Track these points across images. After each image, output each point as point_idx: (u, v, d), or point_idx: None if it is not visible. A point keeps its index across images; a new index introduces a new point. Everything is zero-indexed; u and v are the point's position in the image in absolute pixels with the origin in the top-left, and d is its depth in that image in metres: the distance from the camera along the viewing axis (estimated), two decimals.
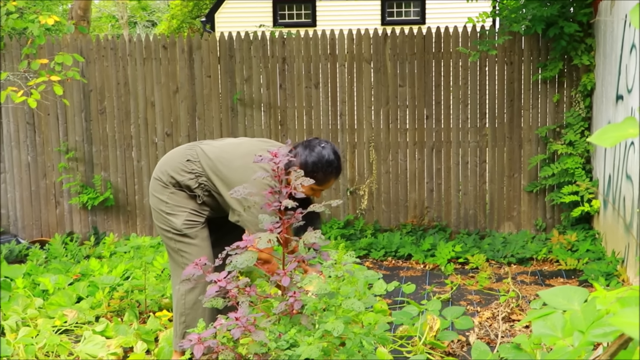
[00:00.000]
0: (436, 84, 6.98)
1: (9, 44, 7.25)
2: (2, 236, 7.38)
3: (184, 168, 3.77)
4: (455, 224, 7.06)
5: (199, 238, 3.80)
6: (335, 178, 3.74)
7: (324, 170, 3.66)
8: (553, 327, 1.78)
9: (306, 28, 7.80)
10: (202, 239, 3.81)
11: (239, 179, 3.59)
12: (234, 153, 3.75)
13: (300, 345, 2.87)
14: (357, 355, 2.94)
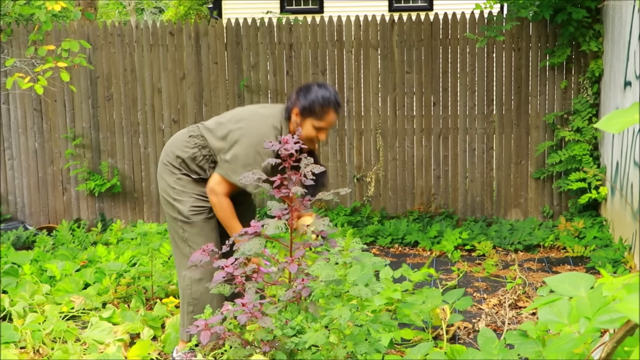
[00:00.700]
0: (443, 71, 6.95)
1: (15, 30, 7.24)
2: (10, 222, 7.40)
3: (187, 144, 3.77)
4: (462, 211, 7.05)
5: (205, 228, 3.78)
6: (335, 112, 3.65)
7: (321, 104, 3.61)
8: (559, 313, 1.77)
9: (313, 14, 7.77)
10: (210, 229, 3.79)
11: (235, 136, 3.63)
12: (231, 117, 3.77)
13: (307, 332, 2.88)
14: (363, 343, 2.94)
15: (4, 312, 4.58)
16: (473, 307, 4.79)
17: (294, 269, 3.00)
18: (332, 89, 3.70)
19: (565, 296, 1.78)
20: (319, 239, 3.16)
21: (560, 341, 1.71)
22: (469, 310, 4.72)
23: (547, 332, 2.34)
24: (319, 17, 7.18)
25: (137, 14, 29.75)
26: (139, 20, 20.36)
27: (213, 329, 2.92)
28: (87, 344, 4.15)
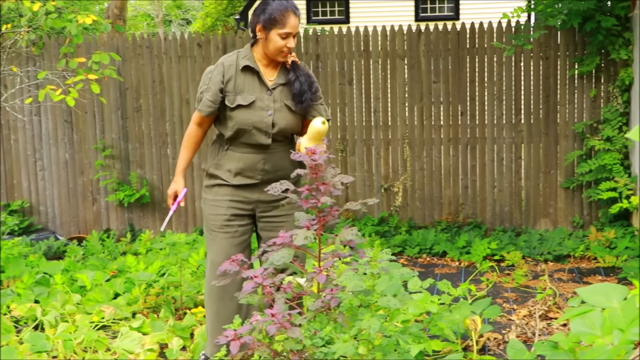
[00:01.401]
0: (471, 80, 6.93)
1: (47, 43, 7.35)
2: (41, 233, 7.49)
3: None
4: (491, 221, 7.01)
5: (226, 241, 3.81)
6: (294, 14, 3.67)
7: (279, 10, 3.65)
8: (592, 325, 1.76)
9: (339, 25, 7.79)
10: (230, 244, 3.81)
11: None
12: None
13: (336, 342, 2.88)
14: (393, 354, 2.93)
15: (36, 321, 4.63)
16: (503, 318, 4.76)
17: (322, 279, 3.00)
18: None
19: (598, 307, 1.76)
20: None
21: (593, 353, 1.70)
22: (498, 321, 4.69)
23: (579, 343, 2.32)
24: (346, 28, 7.20)
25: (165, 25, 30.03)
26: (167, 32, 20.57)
27: (242, 339, 2.92)
28: (117, 354, 4.18)
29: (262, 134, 3.71)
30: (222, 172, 3.78)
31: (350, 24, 15.15)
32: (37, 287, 5.20)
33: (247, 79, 3.73)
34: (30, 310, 4.74)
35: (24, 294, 5.07)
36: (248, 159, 3.75)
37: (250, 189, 3.78)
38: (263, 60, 3.75)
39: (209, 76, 3.76)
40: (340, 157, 7.15)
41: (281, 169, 3.79)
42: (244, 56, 3.75)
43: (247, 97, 3.69)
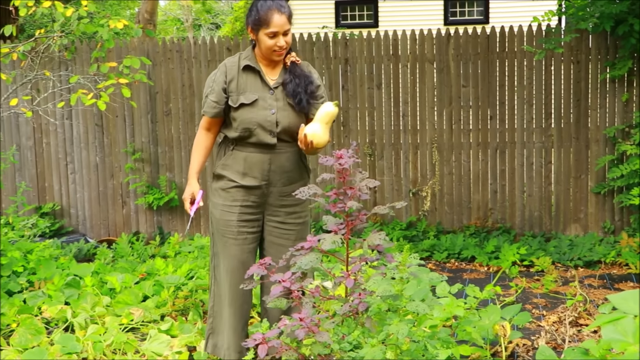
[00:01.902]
0: (500, 84, 6.89)
1: (79, 47, 7.43)
2: (72, 235, 7.57)
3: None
4: (520, 226, 6.95)
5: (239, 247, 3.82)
6: (279, 12, 3.67)
7: (263, 11, 3.66)
8: (624, 332, 1.74)
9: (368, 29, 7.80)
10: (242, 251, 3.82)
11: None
12: None
13: (364, 347, 2.87)
14: (421, 359, 2.92)
15: (66, 323, 4.68)
16: (532, 324, 4.72)
17: (350, 284, 3.00)
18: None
19: (630, 314, 1.74)
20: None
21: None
22: (527, 327, 4.65)
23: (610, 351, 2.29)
24: (374, 32, 7.19)
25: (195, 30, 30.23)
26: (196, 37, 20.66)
27: (270, 342, 2.93)
28: (146, 356, 4.21)
29: (267, 133, 3.71)
30: (230, 173, 3.79)
31: (379, 28, 15.14)
32: (67, 289, 5.26)
33: (249, 78, 3.75)
34: (61, 312, 4.79)
35: (54, 296, 5.12)
36: (254, 159, 3.76)
37: (259, 193, 3.79)
38: (264, 61, 3.78)
39: (212, 78, 3.80)
40: (368, 161, 7.14)
41: (287, 170, 3.80)
42: (246, 57, 3.78)
43: (249, 96, 3.71)
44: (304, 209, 3.90)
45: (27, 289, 5.45)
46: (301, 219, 3.88)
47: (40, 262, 5.78)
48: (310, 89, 3.78)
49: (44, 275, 5.59)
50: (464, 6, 16.05)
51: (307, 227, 3.96)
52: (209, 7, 28.52)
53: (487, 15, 15.81)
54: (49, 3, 5.87)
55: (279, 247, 3.82)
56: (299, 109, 3.75)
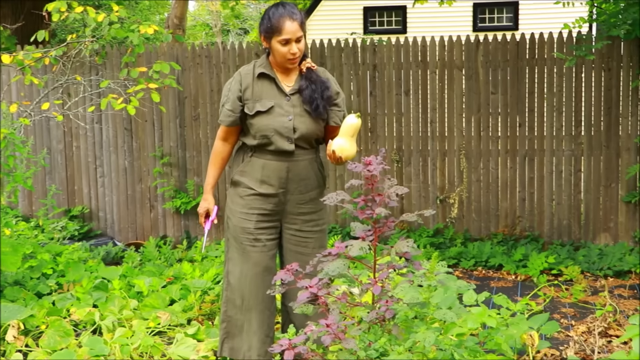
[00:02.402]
0: (529, 91, 6.84)
1: (110, 52, 7.49)
2: (100, 238, 7.63)
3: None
4: (549, 234, 6.89)
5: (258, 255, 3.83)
6: (290, 19, 3.64)
7: (275, 19, 3.66)
8: None
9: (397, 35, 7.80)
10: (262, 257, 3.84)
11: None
12: None
13: (390, 354, 2.86)
14: None
15: (94, 325, 4.71)
16: (560, 334, 4.67)
17: (377, 291, 2.99)
18: (283, 3, 3.72)
19: None
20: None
21: None
22: (556, 336, 4.60)
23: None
24: (403, 38, 7.18)
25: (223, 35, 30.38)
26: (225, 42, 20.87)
27: (296, 348, 2.93)
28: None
29: (285, 140, 3.71)
30: (247, 180, 3.80)
31: (407, 34, 15.12)
32: (95, 291, 5.29)
33: (264, 86, 3.75)
34: (89, 315, 4.83)
35: (83, 298, 5.16)
36: (272, 166, 3.76)
37: (275, 201, 3.78)
38: (279, 68, 3.77)
39: (228, 87, 3.82)
40: (395, 167, 7.12)
41: (305, 178, 3.80)
42: (260, 64, 3.78)
43: (265, 103, 3.71)
44: (322, 216, 3.89)
45: (56, 291, 5.50)
46: (319, 227, 3.87)
47: (69, 265, 5.83)
48: (326, 94, 3.77)
49: (72, 278, 5.64)
50: (494, 12, 15.99)
51: (325, 235, 3.96)
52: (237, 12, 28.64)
53: (516, 22, 15.73)
54: (81, 8, 5.94)
55: (297, 255, 3.82)
56: (316, 115, 3.74)
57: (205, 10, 32.01)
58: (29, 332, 4.59)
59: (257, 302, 3.84)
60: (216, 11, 28.61)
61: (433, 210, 3.07)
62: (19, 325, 4.52)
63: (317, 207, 3.84)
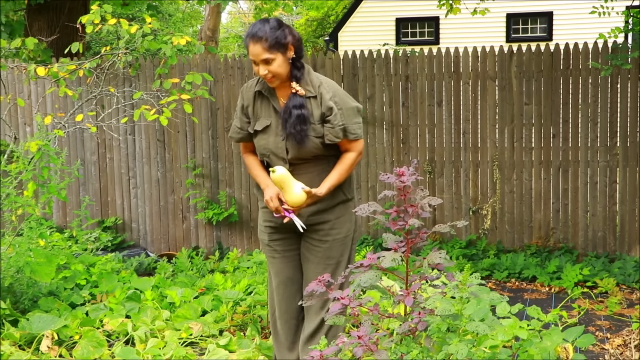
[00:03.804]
0: (564, 102, 6.77)
1: (143, 64, 7.56)
2: (133, 249, 7.68)
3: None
4: (583, 246, 6.80)
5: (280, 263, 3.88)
6: (253, 42, 3.53)
7: (245, 35, 3.63)
8: None
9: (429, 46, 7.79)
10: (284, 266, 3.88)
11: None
12: None
13: None
14: None
15: (127, 336, 4.74)
16: (595, 347, 4.60)
17: (409, 302, 2.97)
18: (262, 21, 3.59)
19: None
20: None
21: None
22: (591, 349, 4.53)
23: None
24: (436, 49, 7.16)
25: None
26: None
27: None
28: None
29: (280, 160, 3.68)
30: (259, 193, 3.82)
31: (440, 45, 15.08)
32: (128, 302, 5.33)
33: (263, 103, 3.72)
34: (122, 325, 4.86)
35: (116, 309, 5.20)
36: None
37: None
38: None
39: (238, 105, 3.85)
40: (428, 178, 7.09)
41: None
42: (259, 81, 3.74)
43: (263, 121, 3.69)
44: (335, 226, 3.77)
45: (89, 301, 5.54)
46: (330, 237, 3.76)
47: (102, 276, 5.88)
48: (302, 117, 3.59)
49: (105, 289, 5.68)
50: (527, 23, 15.89)
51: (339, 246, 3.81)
52: None
53: (550, 32, 15.63)
54: (114, 21, 6.01)
55: (306, 262, 3.83)
56: (297, 141, 3.62)
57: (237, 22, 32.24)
58: (62, 343, 4.63)
59: (281, 312, 3.87)
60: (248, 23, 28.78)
61: (466, 221, 3.04)
62: (53, 335, 4.56)
63: (327, 217, 3.74)
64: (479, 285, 3.33)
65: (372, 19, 16.59)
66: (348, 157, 3.70)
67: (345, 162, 3.69)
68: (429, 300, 2.96)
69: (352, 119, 3.67)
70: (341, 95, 3.69)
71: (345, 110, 3.66)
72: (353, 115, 3.69)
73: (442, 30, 15.95)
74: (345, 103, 3.67)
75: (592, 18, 7.02)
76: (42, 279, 5.11)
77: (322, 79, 3.71)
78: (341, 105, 3.65)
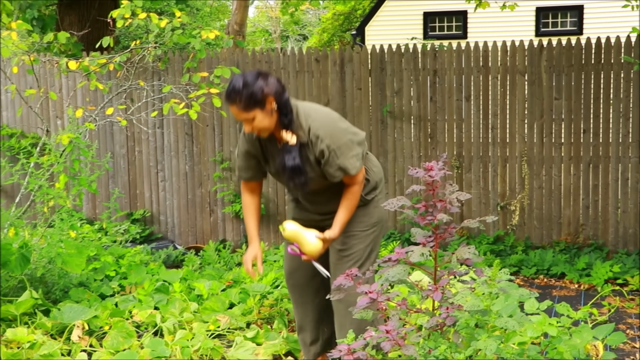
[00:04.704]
0: (595, 97, 6.70)
1: (172, 58, 7.60)
2: (161, 242, 7.74)
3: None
4: (613, 243, 6.73)
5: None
6: (230, 103, 3.47)
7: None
8: None
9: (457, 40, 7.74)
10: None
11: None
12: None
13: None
14: None
15: (155, 327, 4.78)
16: (626, 345, 4.56)
17: (438, 297, 2.96)
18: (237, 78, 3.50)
19: None
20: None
21: None
22: (621, 347, 4.49)
23: None
24: (464, 43, 7.11)
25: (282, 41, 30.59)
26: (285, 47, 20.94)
27: (355, 354, 2.91)
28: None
29: (298, 192, 3.82)
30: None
31: (468, 39, 14.99)
32: (157, 294, 5.37)
33: (267, 146, 3.70)
34: (151, 317, 4.90)
35: (144, 301, 5.24)
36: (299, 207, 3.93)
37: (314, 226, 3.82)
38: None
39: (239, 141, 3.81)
40: (455, 173, 7.06)
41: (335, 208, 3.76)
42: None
43: (271, 165, 3.75)
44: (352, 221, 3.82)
45: (118, 292, 5.60)
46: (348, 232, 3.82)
47: (131, 267, 5.93)
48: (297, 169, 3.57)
49: (134, 280, 5.73)
50: (557, 17, 15.74)
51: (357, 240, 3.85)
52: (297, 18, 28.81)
53: (580, 26, 15.46)
54: (144, 15, 6.04)
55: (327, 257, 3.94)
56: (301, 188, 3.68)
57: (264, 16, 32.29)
58: (93, 333, 4.68)
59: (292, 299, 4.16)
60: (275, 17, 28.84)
61: (495, 217, 3.03)
62: (84, 325, 4.61)
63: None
64: (507, 281, 3.31)
65: (399, 13, 16.52)
66: (351, 192, 3.70)
67: (350, 198, 3.70)
68: (458, 295, 2.95)
69: (347, 155, 3.58)
70: (333, 132, 3.57)
71: (339, 149, 3.56)
72: (348, 150, 3.58)
73: (470, 25, 15.84)
74: (337, 140, 3.56)
75: (624, 12, 6.95)
76: (72, 270, 5.16)
77: (311, 118, 3.58)
78: (334, 145, 3.55)
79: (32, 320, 4.70)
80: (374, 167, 3.88)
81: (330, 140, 3.54)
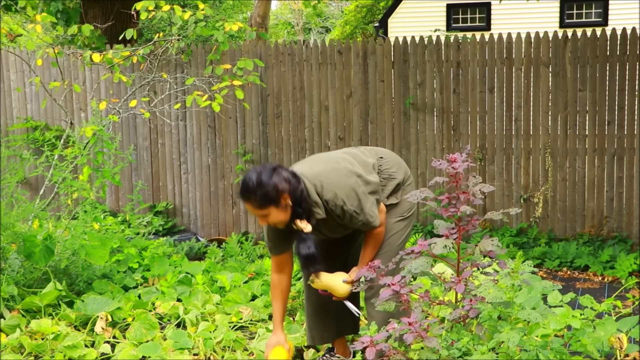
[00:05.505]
0: (620, 89, 6.63)
1: (194, 50, 7.62)
2: (184, 234, 7.78)
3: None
4: (638, 236, 6.67)
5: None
6: (244, 200, 3.50)
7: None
8: None
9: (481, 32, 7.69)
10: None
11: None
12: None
13: (473, 354, 2.82)
14: None
15: (178, 319, 4.81)
16: None
17: (461, 290, 2.95)
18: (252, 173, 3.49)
19: None
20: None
21: None
22: None
23: None
24: (487, 35, 7.07)
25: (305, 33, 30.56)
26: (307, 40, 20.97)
27: (378, 345, 2.92)
28: (254, 354, 4.27)
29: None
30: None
31: (491, 30, 14.89)
32: (179, 286, 5.40)
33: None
34: (173, 308, 4.93)
35: (167, 292, 5.27)
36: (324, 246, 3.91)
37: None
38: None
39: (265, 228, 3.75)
40: (478, 165, 7.02)
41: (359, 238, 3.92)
42: None
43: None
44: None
45: (141, 284, 5.63)
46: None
47: (154, 259, 5.97)
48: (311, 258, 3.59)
49: (157, 272, 5.77)
50: (582, 8, 15.59)
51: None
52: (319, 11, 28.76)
53: (605, 17, 15.32)
54: (168, 7, 6.06)
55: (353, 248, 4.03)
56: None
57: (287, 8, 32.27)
58: (116, 324, 4.72)
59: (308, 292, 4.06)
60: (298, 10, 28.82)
61: (518, 209, 3.01)
62: (107, 317, 4.65)
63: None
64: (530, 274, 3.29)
65: (422, 5, 16.45)
66: (373, 236, 3.73)
67: (375, 238, 3.73)
68: (481, 287, 2.95)
69: (366, 207, 3.58)
70: (348, 195, 3.55)
71: (357, 207, 3.56)
72: (365, 201, 3.58)
73: (493, 16, 15.73)
74: (352, 199, 3.55)
75: None
76: (96, 262, 5.20)
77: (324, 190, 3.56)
78: (349, 205, 3.55)
79: (56, 311, 4.75)
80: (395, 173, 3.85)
81: (349, 203, 3.53)
